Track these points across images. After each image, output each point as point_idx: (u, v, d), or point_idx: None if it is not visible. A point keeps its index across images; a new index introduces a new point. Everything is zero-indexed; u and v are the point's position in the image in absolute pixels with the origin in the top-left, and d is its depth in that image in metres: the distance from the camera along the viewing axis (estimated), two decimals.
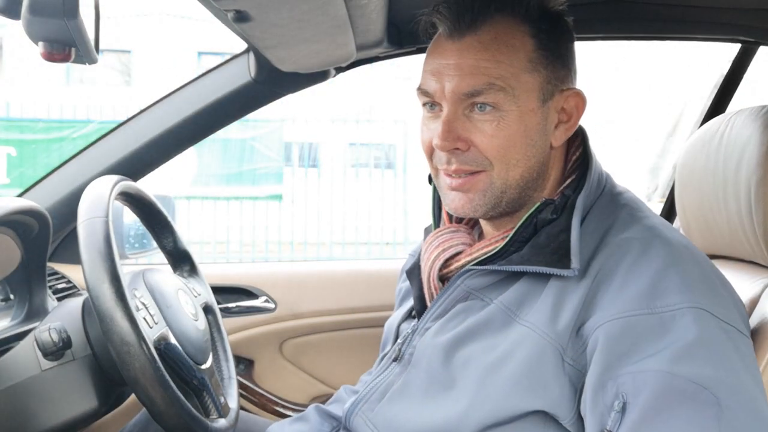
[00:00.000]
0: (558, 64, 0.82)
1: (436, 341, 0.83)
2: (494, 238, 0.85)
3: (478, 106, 0.80)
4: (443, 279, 0.88)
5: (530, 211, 0.82)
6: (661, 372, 0.67)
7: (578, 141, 0.87)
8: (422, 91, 0.84)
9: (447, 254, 0.88)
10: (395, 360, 0.89)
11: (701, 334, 0.68)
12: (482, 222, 0.91)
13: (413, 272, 0.93)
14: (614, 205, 0.83)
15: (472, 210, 0.83)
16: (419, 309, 0.91)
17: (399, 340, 0.91)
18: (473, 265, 0.84)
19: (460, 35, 0.81)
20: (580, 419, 0.74)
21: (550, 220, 0.80)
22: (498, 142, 0.79)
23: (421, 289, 0.91)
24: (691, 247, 0.79)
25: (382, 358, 0.94)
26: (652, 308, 0.71)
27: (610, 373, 0.69)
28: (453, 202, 0.84)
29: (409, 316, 0.95)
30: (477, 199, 0.82)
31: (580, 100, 0.84)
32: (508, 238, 0.82)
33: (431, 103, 0.84)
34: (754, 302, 0.87)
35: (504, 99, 0.79)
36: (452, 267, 0.87)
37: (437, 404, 0.81)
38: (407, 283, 0.97)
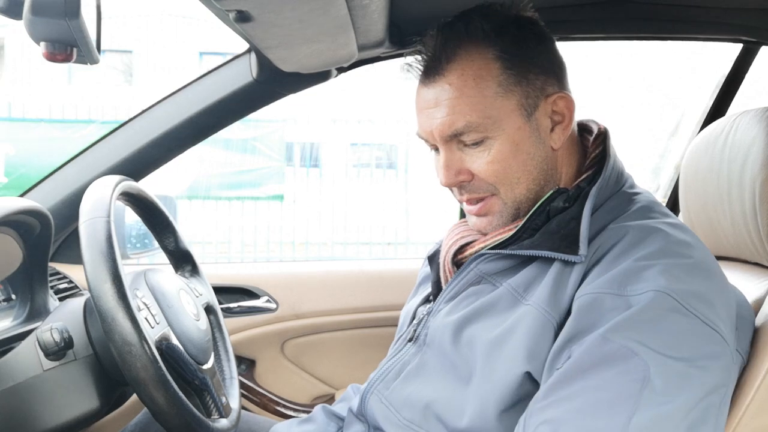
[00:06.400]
0: (532, 75, 0.83)
1: (446, 321, 0.86)
2: (508, 226, 0.88)
3: (467, 141, 0.84)
4: (458, 264, 0.92)
5: (542, 200, 0.84)
6: (597, 335, 0.69)
7: (599, 139, 0.89)
8: (419, 136, 0.89)
9: (463, 240, 0.91)
10: (410, 340, 0.92)
11: (652, 309, 0.69)
12: None
13: (434, 258, 0.97)
14: (628, 202, 0.84)
15: (494, 228, 0.88)
16: (435, 292, 0.95)
17: (414, 321, 0.94)
18: (486, 250, 0.87)
19: (431, 80, 0.84)
20: None
21: (562, 209, 0.82)
22: (495, 167, 0.84)
23: (438, 273, 0.94)
24: (695, 246, 0.77)
25: (398, 340, 0.97)
26: (621, 291, 0.71)
27: (570, 343, 0.72)
28: (476, 226, 0.90)
29: (426, 300, 0.98)
30: (495, 220, 0.88)
31: (568, 99, 0.85)
32: (520, 225, 0.85)
33: (432, 146, 0.89)
34: (759, 303, 0.87)
35: (486, 129, 0.82)
36: (467, 253, 0.90)
37: (453, 386, 0.82)
38: (428, 268, 1.01)
